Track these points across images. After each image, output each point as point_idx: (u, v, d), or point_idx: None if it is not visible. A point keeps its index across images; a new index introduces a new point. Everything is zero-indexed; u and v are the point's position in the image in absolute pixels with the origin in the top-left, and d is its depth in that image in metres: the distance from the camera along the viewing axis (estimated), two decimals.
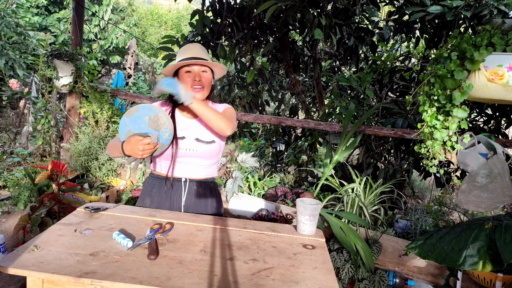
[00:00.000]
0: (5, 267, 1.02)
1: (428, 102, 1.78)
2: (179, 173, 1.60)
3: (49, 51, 3.25)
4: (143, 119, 1.40)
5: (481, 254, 1.27)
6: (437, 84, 1.70)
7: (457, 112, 1.67)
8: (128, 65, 9.36)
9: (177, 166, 1.59)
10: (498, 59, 1.53)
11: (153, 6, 15.72)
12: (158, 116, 1.41)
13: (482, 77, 1.57)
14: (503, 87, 1.54)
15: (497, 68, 1.53)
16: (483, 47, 1.55)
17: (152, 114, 1.41)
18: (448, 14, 2.22)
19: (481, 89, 1.60)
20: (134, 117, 1.41)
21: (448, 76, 1.64)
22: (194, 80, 1.54)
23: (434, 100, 1.74)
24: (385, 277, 2.06)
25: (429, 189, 5.20)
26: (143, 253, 1.16)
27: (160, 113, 1.42)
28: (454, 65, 1.61)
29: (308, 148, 3.81)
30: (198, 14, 3.35)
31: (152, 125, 1.40)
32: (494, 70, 1.54)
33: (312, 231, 1.43)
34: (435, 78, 1.71)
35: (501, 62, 1.52)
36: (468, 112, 1.69)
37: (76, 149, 3.21)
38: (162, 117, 1.42)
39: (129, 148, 1.38)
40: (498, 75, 1.53)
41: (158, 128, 1.41)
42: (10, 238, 2.67)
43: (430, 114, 1.77)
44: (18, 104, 6.69)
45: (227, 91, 4.02)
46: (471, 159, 1.89)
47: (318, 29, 2.80)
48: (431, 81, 1.73)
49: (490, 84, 1.56)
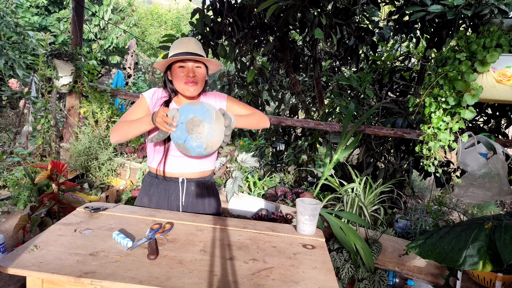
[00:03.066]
0: (5, 267, 1.02)
1: (435, 103, 1.75)
2: (175, 169, 1.57)
3: (49, 51, 3.25)
4: (188, 116, 1.36)
5: (481, 254, 1.27)
6: (446, 86, 1.67)
7: (464, 114, 1.66)
8: (128, 65, 9.35)
9: (172, 160, 1.56)
10: (506, 60, 1.53)
11: (153, 6, 15.70)
12: (202, 122, 1.35)
13: (490, 78, 1.56)
14: (511, 88, 1.53)
15: (506, 69, 1.53)
16: (492, 49, 1.53)
17: (200, 116, 1.35)
18: (449, 13, 2.22)
19: (489, 90, 1.59)
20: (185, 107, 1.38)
21: (459, 78, 1.62)
22: (188, 76, 1.51)
23: (442, 102, 1.71)
24: (385, 277, 2.06)
25: (429, 189, 5.20)
26: (143, 253, 1.16)
27: (208, 122, 1.36)
28: (466, 67, 1.59)
29: (308, 148, 3.81)
30: (199, 13, 3.35)
31: (189, 125, 1.35)
32: (502, 71, 1.53)
33: (312, 231, 1.43)
34: (444, 80, 1.68)
35: (510, 63, 1.51)
36: (474, 113, 1.67)
37: (76, 149, 3.21)
38: (206, 126, 1.36)
39: (156, 116, 1.37)
40: (507, 76, 1.53)
41: (191, 131, 1.35)
42: (10, 238, 2.67)
43: (438, 115, 1.75)
44: (18, 104, 6.69)
45: (227, 91, 4.02)
46: (471, 159, 1.89)
47: (318, 29, 2.79)
48: (440, 82, 1.70)
49: (498, 85, 1.56)
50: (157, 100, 1.60)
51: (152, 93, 1.61)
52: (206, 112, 1.37)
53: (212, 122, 1.37)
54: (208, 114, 1.37)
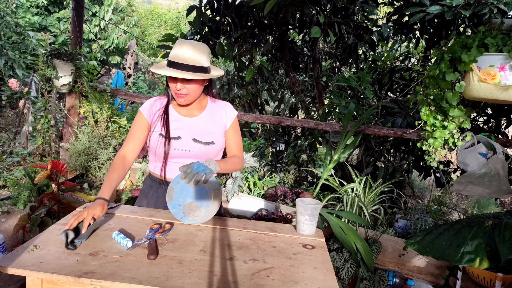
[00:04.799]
0: (4, 267, 1.02)
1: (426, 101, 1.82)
2: (175, 175, 1.53)
3: (49, 51, 3.25)
4: (186, 199, 1.35)
5: (478, 251, 1.28)
6: (431, 85, 1.77)
7: (453, 112, 1.72)
8: (128, 65, 9.36)
9: (173, 166, 1.53)
10: (490, 59, 1.58)
11: (153, 6, 15.70)
12: (199, 208, 1.35)
13: (476, 77, 1.62)
14: (495, 87, 1.58)
15: (489, 68, 1.58)
16: (473, 48, 1.60)
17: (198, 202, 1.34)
18: (447, 14, 2.22)
19: (475, 89, 1.65)
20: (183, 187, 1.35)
21: (441, 77, 1.70)
22: (177, 88, 1.43)
23: (430, 100, 1.79)
24: (385, 276, 2.06)
25: (429, 189, 5.20)
26: (143, 253, 1.16)
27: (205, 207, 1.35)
28: (445, 66, 1.68)
29: (308, 148, 3.81)
30: (196, 11, 3.33)
31: (186, 209, 1.35)
32: (487, 70, 1.59)
33: (312, 231, 1.43)
34: (429, 79, 1.77)
35: (493, 63, 1.57)
36: (464, 111, 1.74)
37: (75, 148, 3.21)
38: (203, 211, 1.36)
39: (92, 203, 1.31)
40: (490, 75, 1.58)
41: (188, 214, 1.36)
42: (9, 238, 2.67)
43: (427, 113, 1.83)
44: (17, 104, 6.69)
45: (226, 90, 4.02)
46: (471, 159, 1.89)
47: (316, 27, 2.78)
48: (426, 81, 1.79)
49: (483, 84, 1.61)
50: (156, 112, 1.54)
51: (149, 107, 1.54)
52: (205, 196, 1.36)
53: (210, 205, 1.38)
54: (207, 198, 1.36)
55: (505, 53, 1.55)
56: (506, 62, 1.56)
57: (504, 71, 1.55)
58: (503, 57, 1.57)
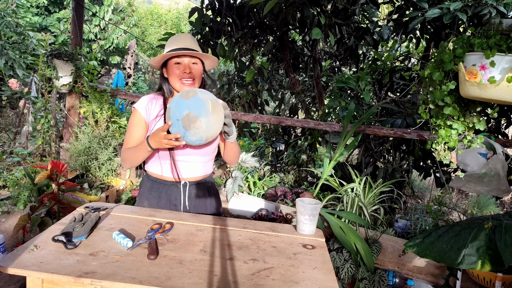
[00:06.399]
0: (4, 267, 1.02)
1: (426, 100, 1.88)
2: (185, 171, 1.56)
3: (49, 51, 3.25)
4: (183, 112, 1.30)
5: (480, 253, 1.27)
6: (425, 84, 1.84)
7: (447, 110, 1.77)
8: (128, 65, 9.35)
9: (177, 164, 1.55)
10: (472, 59, 1.62)
11: (153, 6, 15.71)
12: (198, 118, 1.29)
13: (463, 76, 1.66)
14: (478, 86, 1.61)
15: (472, 67, 1.61)
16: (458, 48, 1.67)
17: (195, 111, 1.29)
18: (446, 17, 2.24)
19: (462, 87, 1.69)
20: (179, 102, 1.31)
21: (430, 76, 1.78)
22: (184, 73, 1.47)
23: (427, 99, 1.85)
24: (385, 276, 2.06)
25: (428, 189, 5.21)
26: (143, 253, 1.16)
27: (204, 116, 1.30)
28: (431, 66, 1.74)
29: (308, 148, 3.81)
30: (197, 12, 3.34)
31: (185, 121, 1.30)
32: (470, 69, 1.62)
33: (312, 231, 1.43)
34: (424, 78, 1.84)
35: (475, 62, 1.60)
36: (457, 109, 1.77)
37: (75, 149, 3.21)
38: (203, 121, 1.30)
39: (155, 141, 1.36)
40: (473, 74, 1.61)
41: (188, 128, 1.30)
42: (9, 238, 2.67)
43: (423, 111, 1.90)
44: (17, 104, 6.69)
45: (226, 90, 4.02)
46: (471, 159, 1.90)
47: (316, 28, 2.79)
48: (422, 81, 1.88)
49: (467, 83, 1.64)
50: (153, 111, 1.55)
51: (145, 104, 1.54)
52: (201, 105, 1.30)
53: (209, 114, 1.31)
54: (204, 107, 1.30)
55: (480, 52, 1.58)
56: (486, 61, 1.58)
57: (484, 70, 1.57)
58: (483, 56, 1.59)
